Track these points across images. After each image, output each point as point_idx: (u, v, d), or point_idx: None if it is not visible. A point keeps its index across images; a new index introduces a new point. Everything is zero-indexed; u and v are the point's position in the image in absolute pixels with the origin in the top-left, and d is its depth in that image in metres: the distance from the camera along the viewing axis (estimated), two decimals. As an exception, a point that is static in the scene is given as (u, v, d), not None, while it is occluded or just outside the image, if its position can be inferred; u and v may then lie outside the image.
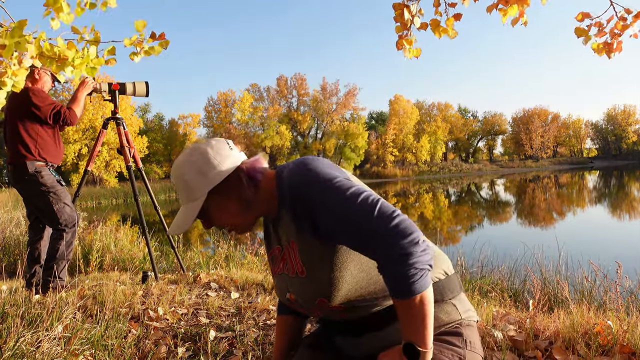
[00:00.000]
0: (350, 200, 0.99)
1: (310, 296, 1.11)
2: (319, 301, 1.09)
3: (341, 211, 0.99)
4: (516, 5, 2.58)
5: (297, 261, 1.10)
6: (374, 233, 0.94)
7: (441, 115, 59.78)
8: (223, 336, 2.38)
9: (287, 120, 48.26)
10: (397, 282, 0.94)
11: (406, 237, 0.92)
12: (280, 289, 1.22)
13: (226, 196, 1.09)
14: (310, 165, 1.07)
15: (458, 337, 1.11)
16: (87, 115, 32.51)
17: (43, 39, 1.78)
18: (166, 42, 2.14)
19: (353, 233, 0.98)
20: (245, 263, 4.70)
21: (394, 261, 0.93)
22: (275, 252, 1.21)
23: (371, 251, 0.97)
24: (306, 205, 1.04)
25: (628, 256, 5.33)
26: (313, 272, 1.08)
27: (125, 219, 7.98)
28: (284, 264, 1.16)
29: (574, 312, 2.21)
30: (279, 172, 1.13)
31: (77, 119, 3.29)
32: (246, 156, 1.16)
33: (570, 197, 19.10)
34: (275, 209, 1.14)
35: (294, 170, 1.09)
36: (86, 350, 1.99)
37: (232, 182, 1.09)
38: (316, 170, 1.06)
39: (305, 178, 1.05)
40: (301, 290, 1.12)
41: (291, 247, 1.11)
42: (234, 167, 1.09)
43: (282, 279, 1.19)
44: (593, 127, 69.69)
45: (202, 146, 1.11)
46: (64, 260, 3.21)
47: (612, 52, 2.60)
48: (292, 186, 1.07)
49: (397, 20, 2.67)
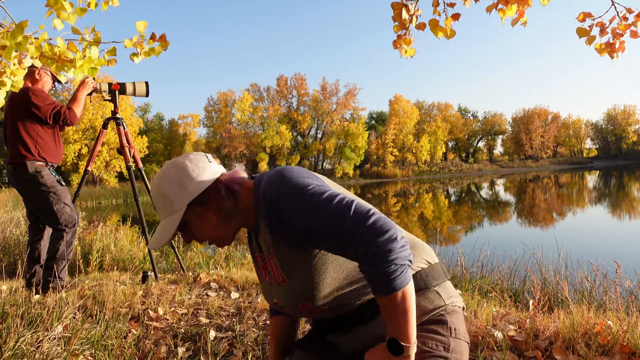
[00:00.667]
0: (325, 204, 0.99)
1: (293, 302, 1.13)
2: (302, 305, 1.12)
3: (318, 217, 1.00)
4: (515, 5, 2.58)
5: (277, 269, 1.12)
6: (353, 234, 0.95)
7: (441, 115, 59.79)
8: (223, 336, 2.38)
9: (287, 120, 48.25)
10: (378, 280, 0.95)
11: (384, 234, 0.93)
12: (268, 295, 1.24)
13: (205, 208, 1.10)
14: (284, 176, 1.08)
15: (442, 325, 1.11)
16: (87, 115, 32.53)
17: (45, 39, 1.77)
18: (166, 43, 2.14)
19: (331, 237, 0.99)
20: (245, 263, 4.70)
21: (373, 259, 0.94)
22: (258, 261, 1.23)
23: (351, 252, 0.98)
24: (282, 215, 1.04)
25: (628, 256, 5.33)
26: (293, 279, 1.10)
27: (125, 219, 7.98)
28: (265, 272, 1.18)
29: (574, 312, 2.21)
30: (257, 183, 1.14)
31: (77, 119, 3.29)
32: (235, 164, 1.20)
33: (570, 197, 19.10)
34: (253, 219, 1.15)
35: (269, 181, 1.09)
36: (86, 350, 1.99)
37: (211, 194, 1.10)
38: (290, 180, 1.06)
39: (280, 188, 1.06)
40: (284, 296, 1.15)
41: (271, 256, 1.13)
42: (213, 179, 1.10)
43: (266, 286, 1.22)
44: (593, 127, 69.68)
45: (180, 160, 1.12)
46: (64, 260, 3.21)
47: (615, 52, 2.59)
48: (267, 197, 1.07)
49: (395, 19, 2.67)
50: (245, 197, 1.13)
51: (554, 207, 14.97)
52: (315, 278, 1.07)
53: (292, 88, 49.39)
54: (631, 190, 20.50)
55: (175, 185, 1.09)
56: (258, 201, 1.10)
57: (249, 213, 1.14)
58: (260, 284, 1.26)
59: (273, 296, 1.20)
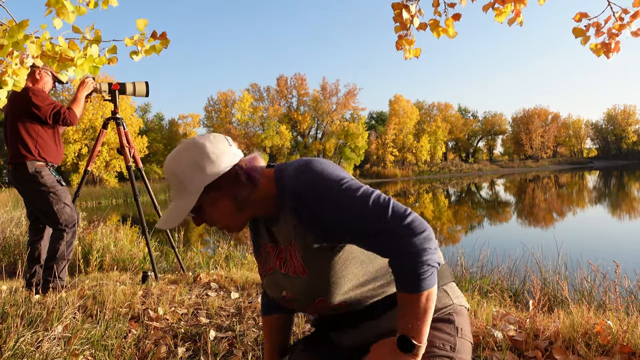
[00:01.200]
0: (361, 200, 0.98)
1: (310, 295, 1.09)
2: (319, 300, 1.08)
3: (354, 211, 0.98)
4: (511, 4, 2.59)
5: (298, 261, 1.08)
6: (390, 231, 0.95)
7: (441, 115, 59.80)
8: (223, 336, 2.38)
9: (287, 120, 48.25)
10: (408, 277, 0.95)
11: (421, 234, 0.94)
12: (275, 287, 1.18)
13: (221, 193, 1.05)
14: (315, 168, 1.04)
15: (450, 324, 1.11)
16: (87, 115, 32.53)
17: (46, 38, 1.78)
18: (167, 41, 2.15)
19: (366, 232, 0.98)
20: (245, 263, 4.70)
21: (408, 257, 0.94)
22: (268, 251, 1.18)
23: (385, 248, 0.98)
24: (312, 207, 1.02)
25: (628, 256, 5.33)
26: (314, 272, 1.06)
27: (125, 219, 7.98)
28: (280, 262, 1.14)
29: (574, 312, 2.21)
30: (279, 172, 1.09)
31: (77, 119, 3.29)
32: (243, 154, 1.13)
33: (570, 197, 19.10)
34: (272, 209, 1.11)
35: (298, 172, 1.05)
36: (86, 350, 1.99)
37: (229, 180, 1.05)
38: (323, 172, 1.03)
39: (312, 181, 1.02)
40: (300, 289, 1.10)
41: (292, 248, 1.09)
42: (232, 164, 1.06)
43: (278, 278, 1.16)
44: (593, 127, 69.70)
45: (199, 140, 1.06)
46: (64, 260, 3.21)
47: (610, 53, 2.60)
48: (296, 188, 1.04)
49: (396, 20, 2.67)
50: (265, 185, 1.09)
51: (554, 207, 14.97)
52: (337, 272, 1.05)
53: (292, 88, 49.40)
54: (631, 190, 20.50)
55: (193, 166, 1.03)
56: (282, 191, 1.07)
57: (268, 202, 1.10)
58: (265, 278, 1.21)
59: (283, 288, 1.15)
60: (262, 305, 1.37)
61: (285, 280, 1.13)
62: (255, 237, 1.25)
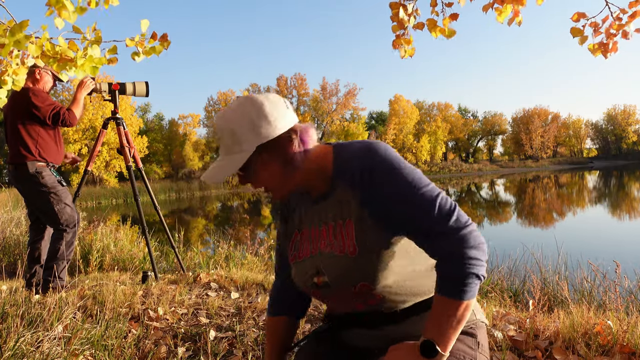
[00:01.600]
0: (429, 197, 0.98)
1: (353, 277, 1.04)
2: (361, 285, 1.04)
3: (419, 205, 0.98)
4: (510, 5, 2.59)
5: (351, 239, 1.04)
6: (448, 235, 0.95)
7: (441, 115, 59.83)
8: (223, 336, 2.38)
9: (287, 120, 48.22)
10: (455, 284, 0.95)
11: (478, 246, 0.95)
12: (304, 274, 1.13)
13: (273, 156, 1.03)
14: (386, 150, 1.03)
15: (472, 338, 1.11)
16: (87, 115, 32.54)
17: (46, 38, 1.78)
18: (167, 43, 2.15)
19: (426, 229, 0.97)
20: (245, 263, 4.70)
21: (460, 264, 0.94)
22: (302, 236, 1.16)
23: (439, 250, 0.97)
24: (379, 189, 1.00)
25: (628, 256, 5.33)
26: (365, 252, 1.03)
27: (125, 219, 7.98)
28: (324, 242, 1.10)
29: (574, 312, 2.21)
30: (338, 148, 1.09)
31: (76, 120, 3.30)
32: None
33: (570, 197, 19.11)
34: (322, 183, 1.09)
35: (365, 151, 1.03)
36: (86, 350, 1.99)
37: (283, 143, 1.03)
38: (395, 157, 1.02)
39: (382, 162, 1.01)
40: (345, 270, 1.05)
41: (345, 225, 1.05)
42: (287, 129, 1.03)
43: (311, 263, 1.11)
44: (593, 127, 69.72)
45: (258, 98, 1.04)
46: (64, 261, 3.21)
47: (607, 52, 2.61)
48: (362, 166, 1.02)
49: (393, 19, 2.68)
50: (319, 157, 1.08)
51: (554, 207, 14.98)
52: (387, 259, 1.03)
53: (292, 88, 49.41)
54: (631, 190, 20.50)
55: (248, 124, 1.01)
56: (343, 166, 1.05)
57: (319, 175, 1.08)
58: (296, 264, 1.17)
59: (316, 274, 1.10)
60: (270, 304, 1.33)
61: (326, 261, 1.08)
62: (284, 225, 1.23)
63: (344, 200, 1.05)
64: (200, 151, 45.98)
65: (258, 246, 5.11)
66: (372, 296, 1.05)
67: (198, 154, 45.39)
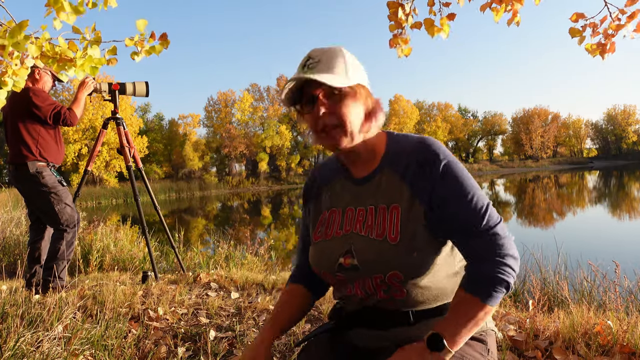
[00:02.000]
0: (480, 202, 1.00)
1: (387, 265, 1.02)
2: (392, 274, 1.02)
3: (470, 206, 1.00)
4: (507, 4, 2.60)
5: (395, 226, 1.03)
6: (490, 241, 0.98)
7: (441, 115, 59.84)
8: (223, 336, 2.38)
9: (287, 120, 48.23)
10: (484, 286, 0.97)
11: (516, 258, 0.99)
12: (329, 255, 1.11)
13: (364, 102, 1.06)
14: (443, 148, 1.05)
15: (483, 344, 1.10)
16: (87, 115, 32.55)
17: (46, 39, 1.78)
18: (167, 42, 2.15)
19: (470, 230, 0.99)
20: (245, 263, 4.70)
21: (498, 266, 0.97)
22: (333, 216, 1.14)
23: (477, 253, 1.00)
24: (433, 182, 1.01)
25: (627, 256, 5.32)
26: (406, 242, 1.01)
27: (125, 219, 7.98)
28: (360, 224, 1.08)
29: (574, 312, 2.21)
30: (392, 137, 1.12)
31: (77, 119, 3.30)
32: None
33: (570, 197, 19.11)
34: (370, 163, 1.10)
35: (421, 145, 1.05)
36: (86, 350, 1.99)
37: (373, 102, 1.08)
38: (451, 156, 1.04)
39: (442, 155, 1.03)
40: (379, 256, 1.03)
41: (389, 210, 1.05)
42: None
43: (342, 242, 1.09)
44: (593, 127, 69.72)
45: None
46: (64, 261, 3.21)
47: (605, 53, 2.61)
48: (419, 156, 1.03)
49: (391, 18, 2.69)
50: (376, 137, 1.11)
51: (554, 207, 14.98)
52: (426, 255, 1.03)
53: (292, 88, 49.36)
54: (631, 190, 20.51)
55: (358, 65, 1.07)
56: (394, 155, 1.07)
57: (371, 154, 1.10)
58: (319, 243, 1.15)
59: (344, 254, 1.07)
60: (292, 275, 1.30)
61: (360, 244, 1.06)
62: (313, 202, 1.23)
63: (392, 187, 1.06)
64: (200, 151, 45.99)
65: (258, 246, 5.11)
66: (399, 289, 1.04)
67: (198, 154, 45.38)
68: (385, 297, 1.06)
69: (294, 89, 1.06)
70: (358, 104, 1.04)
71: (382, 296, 1.06)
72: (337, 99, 1.02)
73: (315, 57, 1.05)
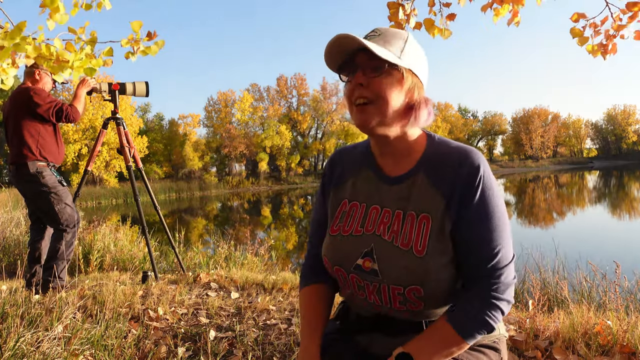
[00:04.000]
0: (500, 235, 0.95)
1: (409, 278, 0.95)
2: (413, 288, 0.95)
3: (490, 236, 0.95)
4: (509, 5, 2.60)
5: (423, 237, 0.96)
6: (496, 278, 0.94)
7: (441, 115, 59.83)
8: (223, 336, 2.38)
9: (287, 120, 48.25)
10: (471, 323, 0.94)
11: (508, 303, 0.95)
12: (348, 250, 1.03)
13: (408, 90, 0.97)
14: (485, 165, 0.97)
15: (496, 352, 1.07)
16: (87, 115, 32.51)
17: (42, 40, 1.78)
18: (161, 42, 2.15)
19: (479, 259, 0.95)
20: (245, 263, 4.70)
21: (487, 309, 0.94)
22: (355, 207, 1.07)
23: (475, 283, 0.96)
24: (471, 200, 0.94)
25: (628, 256, 5.33)
26: (434, 256, 0.95)
27: (125, 219, 7.98)
28: (384, 228, 1.00)
29: (574, 312, 2.21)
30: (433, 140, 1.03)
31: (79, 115, 3.31)
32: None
33: (569, 197, 19.10)
34: (403, 162, 1.02)
35: (465, 156, 0.96)
36: (86, 350, 1.99)
37: (420, 96, 0.99)
38: (491, 175, 0.97)
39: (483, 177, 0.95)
40: (403, 267, 0.96)
41: (419, 220, 0.97)
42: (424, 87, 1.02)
43: (362, 242, 1.02)
44: (593, 127, 69.73)
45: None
46: (64, 261, 3.21)
47: (607, 54, 2.61)
48: (461, 171, 0.95)
49: (391, 19, 2.68)
50: (417, 136, 1.02)
51: (554, 207, 14.97)
52: (448, 271, 0.96)
53: (292, 88, 49.41)
54: (631, 190, 20.50)
55: (419, 52, 1.01)
56: (432, 160, 0.99)
57: (406, 152, 1.02)
58: (336, 235, 1.07)
59: (364, 255, 1.00)
60: (305, 274, 1.18)
61: (384, 250, 0.99)
62: (335, 188, 1.13)
63: (425, 195, 0.98)
64: (200, 151, 45.97)
65: (258, 246, 5.11)
66: (416, 302, 0.98)
67: (198, 154, 45.35)
68: (401, 307, 1.00)
69: (345, 56, 0.96)
70: (401, 89, 0.95)
71: (397, 307, 1.00)
72: (380, 75, 0.94)
73: (377, 32, 0.98)
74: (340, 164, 1.14)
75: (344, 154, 1.15)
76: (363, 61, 0.94)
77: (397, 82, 0.95)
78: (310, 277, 1.17)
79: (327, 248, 1.08)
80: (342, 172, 1.13)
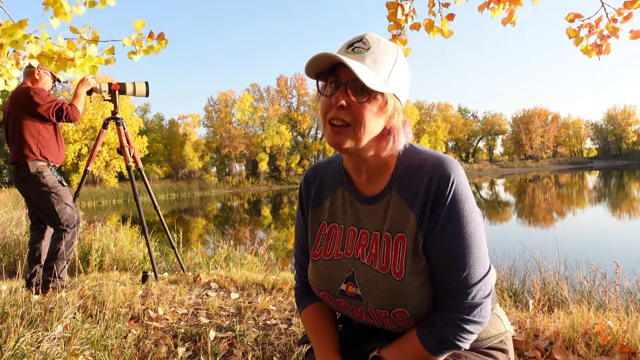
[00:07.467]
0: (471, 255, 0.92)
1: (392, 302, 0.94)
2: (398, 311, 0.94)
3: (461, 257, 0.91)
4: (504, 4, 2.60)
5: (399, 260, 0.94)
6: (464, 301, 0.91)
7: (441, 115, 59.84)
8: (223, 336, 2.38)
9: (287, 120, 48.26)
10: (437, 342, 0.93)
11: (480, 322, 0.93)
12: (330, 275, 1.02)
13: (388, 117, 0.93)
14: (459, 178, 0.92)
15: (504, 354, 1.06)
16: (87, 115, 32.52)
17: (45, 38, 1.77)
18: (164, 42, 2.15)
19: (449, 280, 0.92)
20: (245, 263, 4.70)
21: (455, 333, 0.92)
22: (333, 232, 1.05)
23: (446, 304, 0.93)
24: (441, 218, 0.91)
25: (628, 256, 5.33)
26: (411, 277, 0.93)
27: (125, 219, 7.98)
28: (363, 250, 0.99)
29: (574, 312, 2.21)
30: (405, 148, 0.99)
31: (79, 114, 3.31)
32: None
33: (569, 197, 19.11)
34: (376, 180, 0.99)
35: (436, 169, 0.92)
36: (86, 350, 1.99)
37: (398, 120, 0.95)
38: (466, 191, 0.93)
39: (455, 194, 0.91)
40: (384, 292, 0.95)
41: (395, 242, 0.95)
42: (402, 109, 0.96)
43: (343, 266, 1.01)
44: (593, 127, 69.77)
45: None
46: (64, 261, 3.21)
47: (601, 54, 2.62)
48: (431, 187, 0.91)
49: (390, 19, 2.69)
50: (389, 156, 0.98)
51: (554, 207, 14.98)
52: (427, 289, 0.94)
53: (292, 88, 49.41)
54: (631, 190, 20.50)
55: (405, 73, 0.96)
56: (404, 176, 0.95)
57: (381, 167, 0.98)
58: (318, 260, 1.05)
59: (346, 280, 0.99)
60: (301, 295, 1.17)
61: (364, 274, 0.97)
62: (314, 208, 1.10)
63: (398, 214, 0.95)
64: (200, 151, 45.98)
65: (258, 246, 5.11)
66: (405, 322, 0.97)
67: (198, 154, 45.36)
68: (392, 326, 0.99)
69: (327, 63, 0.90)
70: (382, 115, 0.92)
71: (388, 325, 0.99)
72: (362, 99, 0.90)
73: (367, 43, 0.92)
74: (314, 184, 1.11)
75: (318, 173, 1.12)
76: (348, 80, 0.89)
77: (379, 109, 0.92)
78: (305, 299, 1.15)
79: (311, 273, 1.08)
80: (318, 191, 1.10)
